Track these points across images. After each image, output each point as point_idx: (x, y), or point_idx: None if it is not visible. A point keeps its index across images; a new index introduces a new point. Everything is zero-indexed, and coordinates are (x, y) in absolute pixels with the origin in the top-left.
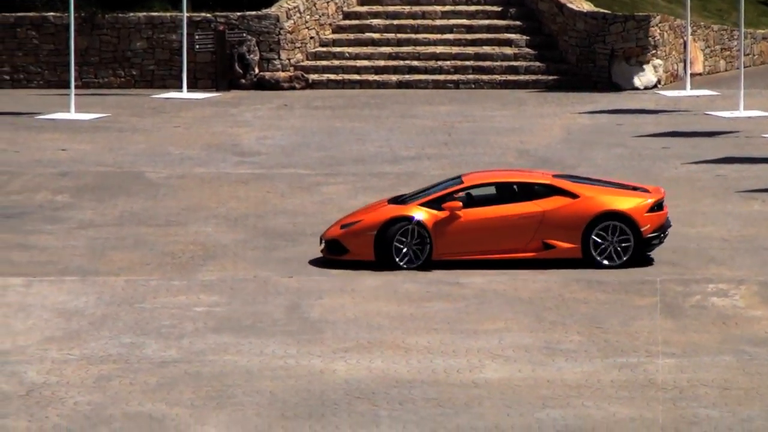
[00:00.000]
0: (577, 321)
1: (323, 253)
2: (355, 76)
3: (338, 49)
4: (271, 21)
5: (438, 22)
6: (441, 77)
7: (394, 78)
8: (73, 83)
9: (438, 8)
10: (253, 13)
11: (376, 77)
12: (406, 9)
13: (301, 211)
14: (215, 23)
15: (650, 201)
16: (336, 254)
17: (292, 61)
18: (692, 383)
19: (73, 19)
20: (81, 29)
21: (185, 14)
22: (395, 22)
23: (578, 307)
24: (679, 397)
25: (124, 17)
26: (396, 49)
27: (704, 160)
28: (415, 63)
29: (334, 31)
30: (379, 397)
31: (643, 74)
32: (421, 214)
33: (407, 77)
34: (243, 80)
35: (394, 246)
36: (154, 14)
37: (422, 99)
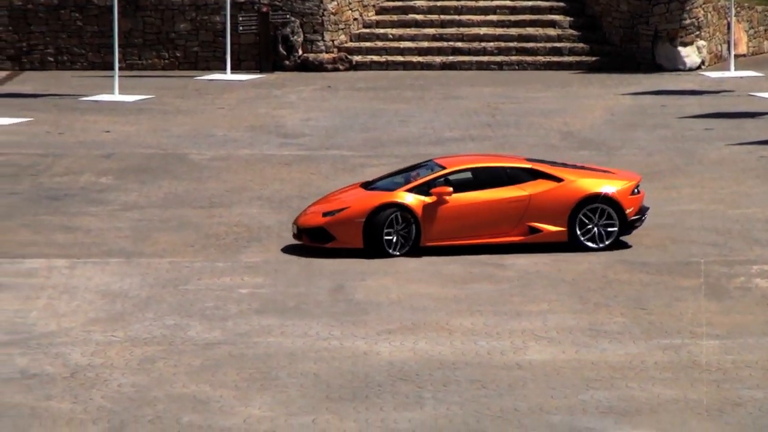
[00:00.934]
0: (621, 302)
1: (304, 241)
2: (399, 58)
3: (382, 30)
4: (315, 2)
5: (481, 3)
6: (485, 59)
7: (437, 59)
8: (117, 65)
9: None
10: None
11: (420, 59)
12: None
13: None
14: (259, 5)
15: (632, 184)
16: (320, 242)
17: (335, 42)
18: (736, 365)
19: (116, 1)
20: (124, 11)
21: None
22: (439, 3)
23: (622, 289)
24: (723, 379)
25: None
26: (440, 30)
27: (748, 142)
28: (459, 44)
29: (377, 13)
30: (423, 379)
31: (687, 55)
32: (411, 197)
33: (451, 59)
34: (287, 62)
35: (385, 233)
36: None
37: (466, 80)
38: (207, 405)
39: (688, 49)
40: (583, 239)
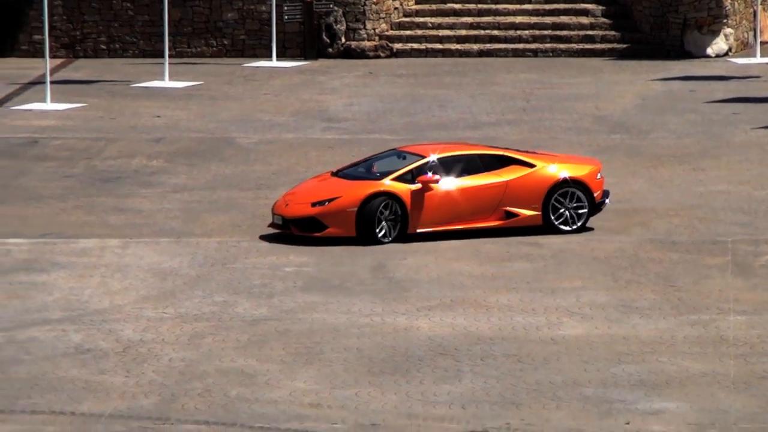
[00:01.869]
0: (651, 280)
1: (292, 231)
2: (438, 45)
3: (421, 19)
4: None
5: None
6: (520, 46)
7: (475, 47)
8: (167, 52)
9: None
10: None
11: (458, 46)
12: None
13: None
14: None
15: (597, 168)
16: (311, 231)
17: (377, 30)
18: (762, 339)
19: None
20: (174, 1)
21: None
22: None
23: (652, 267)
24: (750, 353)
25: None
26: (477, 19)
27: None
28: (496, 32)
29: (417, 2)
30: (462, 353)
31: (715, 42)
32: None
33: (488, 46)
34: (330, 49)
35: (377, 221)
36: None
37: (502, 67)
38: (254, 378)
39: (715, 36)
40: (556, 222)
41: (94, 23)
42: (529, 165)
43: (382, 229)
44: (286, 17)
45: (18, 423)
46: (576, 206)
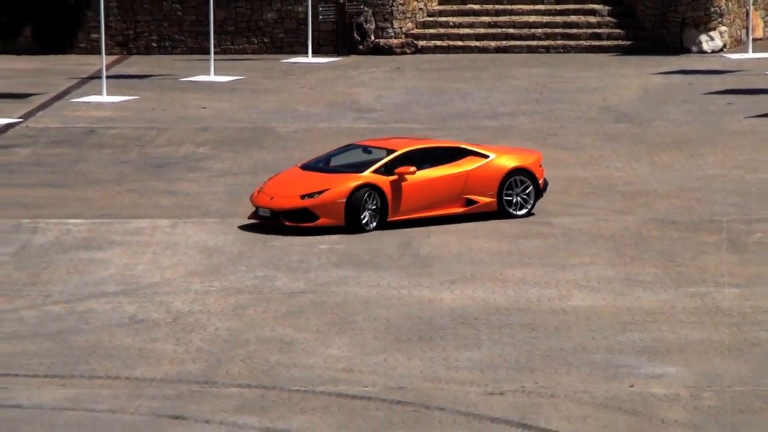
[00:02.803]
0: (653, 256)
1: (281, 222)
2: (459, 43)
3: (444, 18)
4: None
5: None
6: (533, 43)
7: (492, 44)
8: (212, 50)
9: None
10: None
11: (477, 43)
12: None
13: None
14: None
15: (539, 158)
16: (302, 222)
17: (403, 29)
18: (754, 310)
19: None
20: (219, 2)
21: None
22: None
23: (654, 244)
24: (743, 322)
25: None
26: (494, 18)
27: (765, 114)
28: (511, 31)
29: (440, 3)
30: (481, 323)
31: (711, 39)
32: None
33: (504, 43)
34: (360, 46)
35: (362, 210)
36: None
37: (517, 62)
38: (292, 346)
39: (711, 33)
40: (508, 208)
41: (146, 23)
42: (484, 156)
43: (365, 218)
44: (320, 17)
45: (77, 387)
46: (524, 192)
